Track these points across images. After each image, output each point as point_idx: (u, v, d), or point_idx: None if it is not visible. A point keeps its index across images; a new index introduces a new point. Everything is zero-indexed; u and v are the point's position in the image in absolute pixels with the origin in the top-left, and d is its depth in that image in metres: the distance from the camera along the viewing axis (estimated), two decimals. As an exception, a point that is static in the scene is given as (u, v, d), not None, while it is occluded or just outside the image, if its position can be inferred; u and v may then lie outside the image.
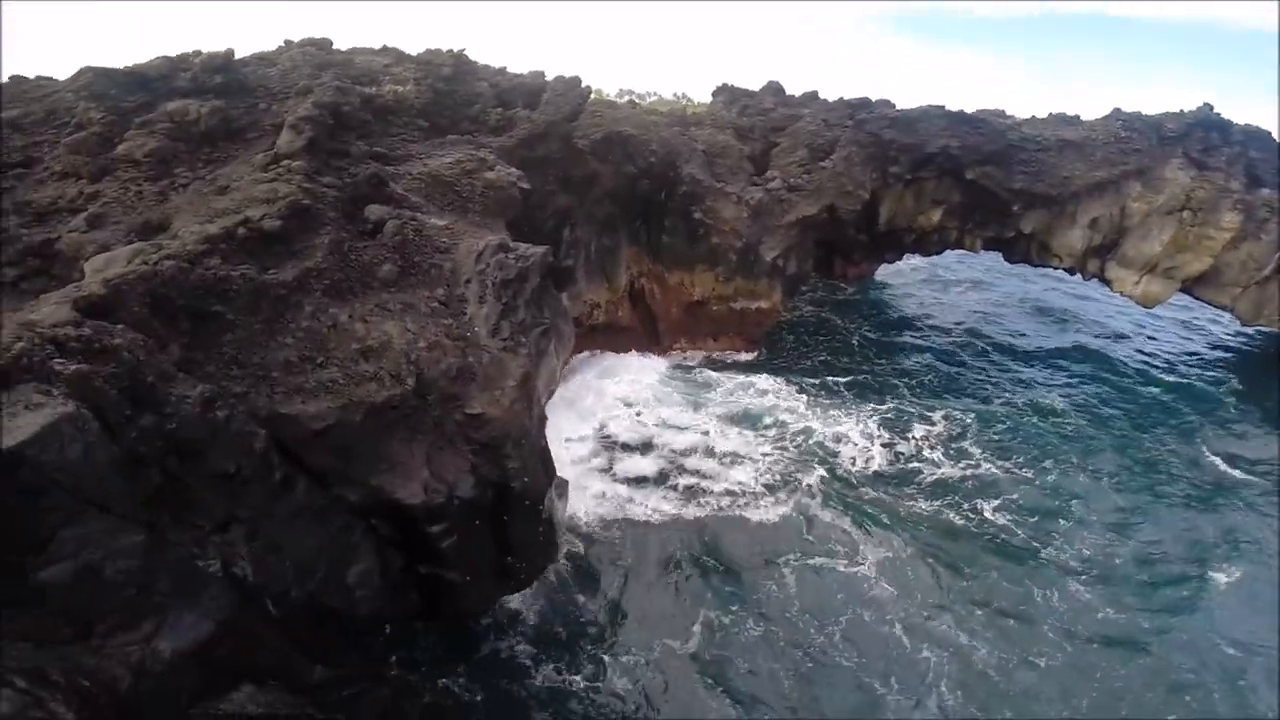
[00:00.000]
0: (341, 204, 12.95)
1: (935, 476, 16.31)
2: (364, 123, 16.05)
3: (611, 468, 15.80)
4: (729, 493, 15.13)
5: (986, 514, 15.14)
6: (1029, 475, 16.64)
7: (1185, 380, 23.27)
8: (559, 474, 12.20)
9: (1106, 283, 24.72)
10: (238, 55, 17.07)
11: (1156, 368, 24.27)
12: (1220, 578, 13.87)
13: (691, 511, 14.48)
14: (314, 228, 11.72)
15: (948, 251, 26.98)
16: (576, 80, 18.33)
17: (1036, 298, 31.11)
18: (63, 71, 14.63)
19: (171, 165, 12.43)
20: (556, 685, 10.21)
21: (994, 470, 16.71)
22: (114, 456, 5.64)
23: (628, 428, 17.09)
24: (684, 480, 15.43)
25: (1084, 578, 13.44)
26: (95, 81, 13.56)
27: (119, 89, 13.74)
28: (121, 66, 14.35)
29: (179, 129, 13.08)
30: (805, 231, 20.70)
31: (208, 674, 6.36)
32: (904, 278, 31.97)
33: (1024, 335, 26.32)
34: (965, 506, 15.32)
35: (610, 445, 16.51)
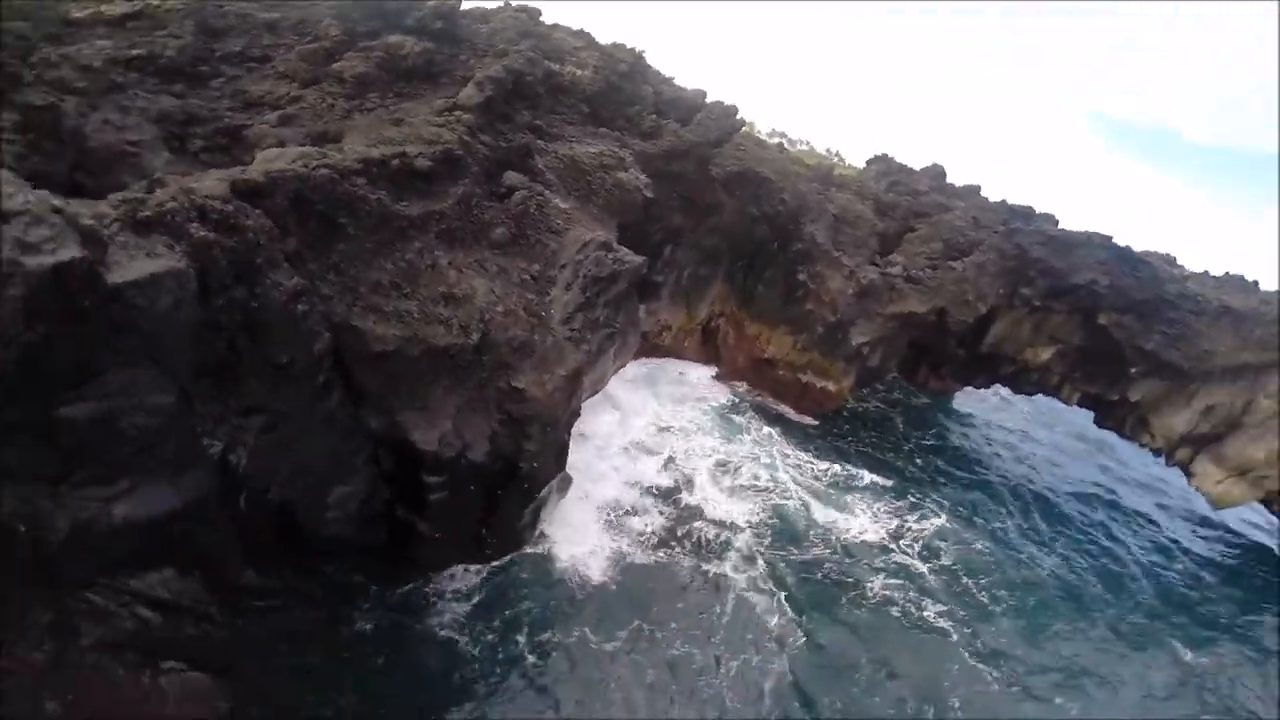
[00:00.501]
0: (488, 163, 14.08)
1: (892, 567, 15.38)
2: (536, 95, 17.25)
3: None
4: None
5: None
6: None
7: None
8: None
9: (1188, 474, 20.92)
10: (462, 7, 19.10)
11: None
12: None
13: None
14: (456, 176, 12.84)
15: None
16: (733, 110, 18.52)
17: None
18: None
19: (367, 90, 14.11)
20: (474, 669, 9.77)
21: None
22: (196, 319, 6.39)
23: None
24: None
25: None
26: (345, 3, 15.82)
27: (361, 14, 15.87)
28: (368, -5, 16.55)
29: (389, 60, 14.82)
30: (904, 328, 19.42)
31: (139, 548, 6.31)
32: (985, 405, 28.83)
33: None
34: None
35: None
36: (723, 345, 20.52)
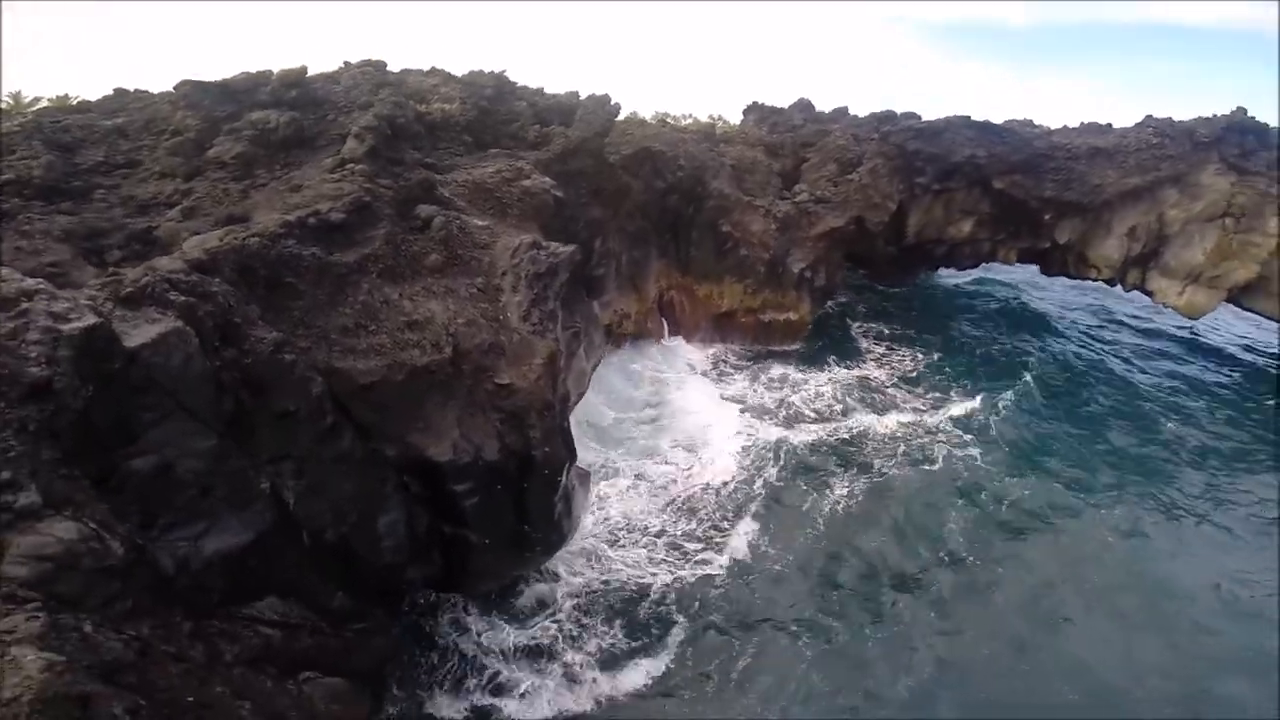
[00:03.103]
0: (396, 203, 14.84)
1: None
2: (416, 135, 18.18)
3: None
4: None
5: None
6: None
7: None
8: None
9: (1149, 294, 24.56)
10: (308, 74, 19.67)
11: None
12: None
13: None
14: (372, 221, 13.55)
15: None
16: (606, 98, 20.21)
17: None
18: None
19: (253, 167, 14.57)
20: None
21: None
22: (206, 370, 7.05)
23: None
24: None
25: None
26: (192, 93, 16.06)
27: (211, 99, 16.20)
28: (212, 80, 16.90)
29: (260, 136, 15.31)
30: (833, 244, 21.71)
31: (237, 579, 7.13)
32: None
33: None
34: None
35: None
36: (682, 315, 21.99)
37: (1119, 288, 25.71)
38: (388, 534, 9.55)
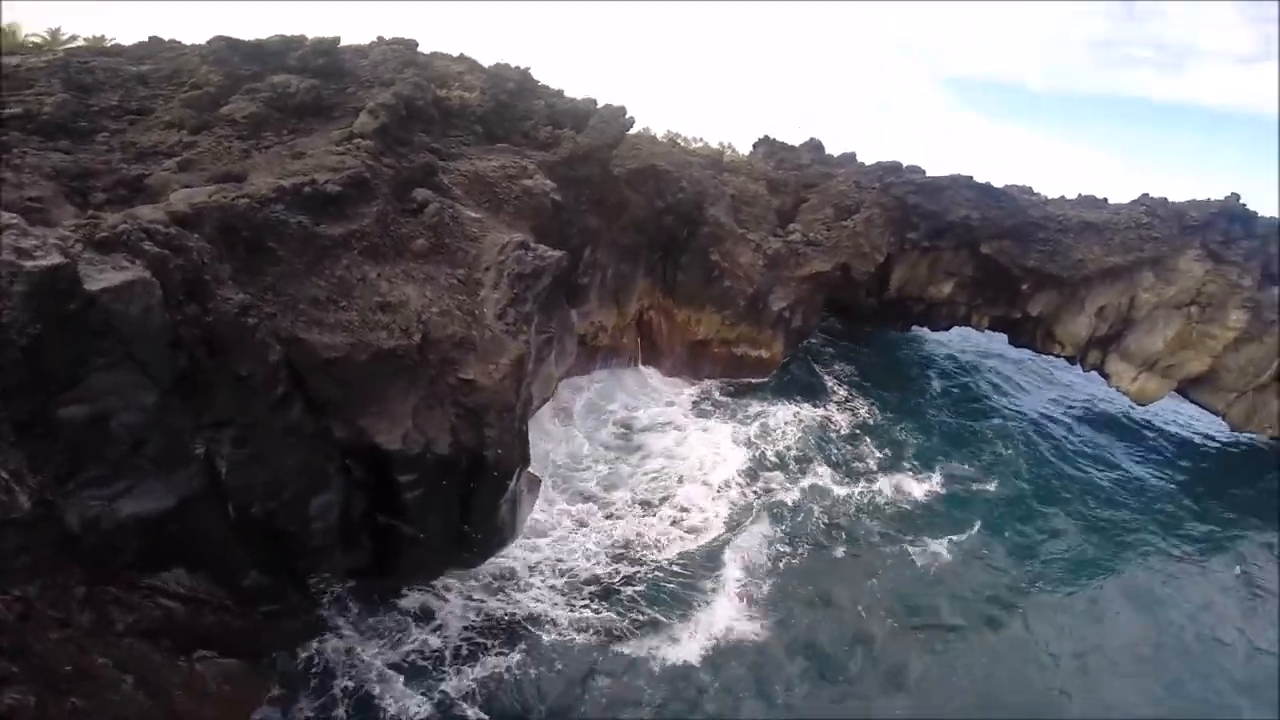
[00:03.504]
0: (395, 183, 15.12)
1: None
2: (430, 119, 18.51)
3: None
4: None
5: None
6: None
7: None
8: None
9: (1105, 376, 25.04)
10: (339, 44, 20.00)
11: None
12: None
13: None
14: (368, 198, 13.80)
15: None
16: (621, 110, 20.65)
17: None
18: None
19: (262, 129, 14.83)
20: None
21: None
22: (165, 324, 7.23)
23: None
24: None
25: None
26: (222, 49, 16.35)
27: (239, 57, 16.49)
28: (246, 39, 17.18)
29: (278, 99, 15.59)
30: (817, 288, 22.12)
31: (148, 545, 7.03)
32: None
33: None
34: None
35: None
36: (658, 336, 22.27)
37: (1078, 367, 26.20)
38: (319, 515, 9.57)
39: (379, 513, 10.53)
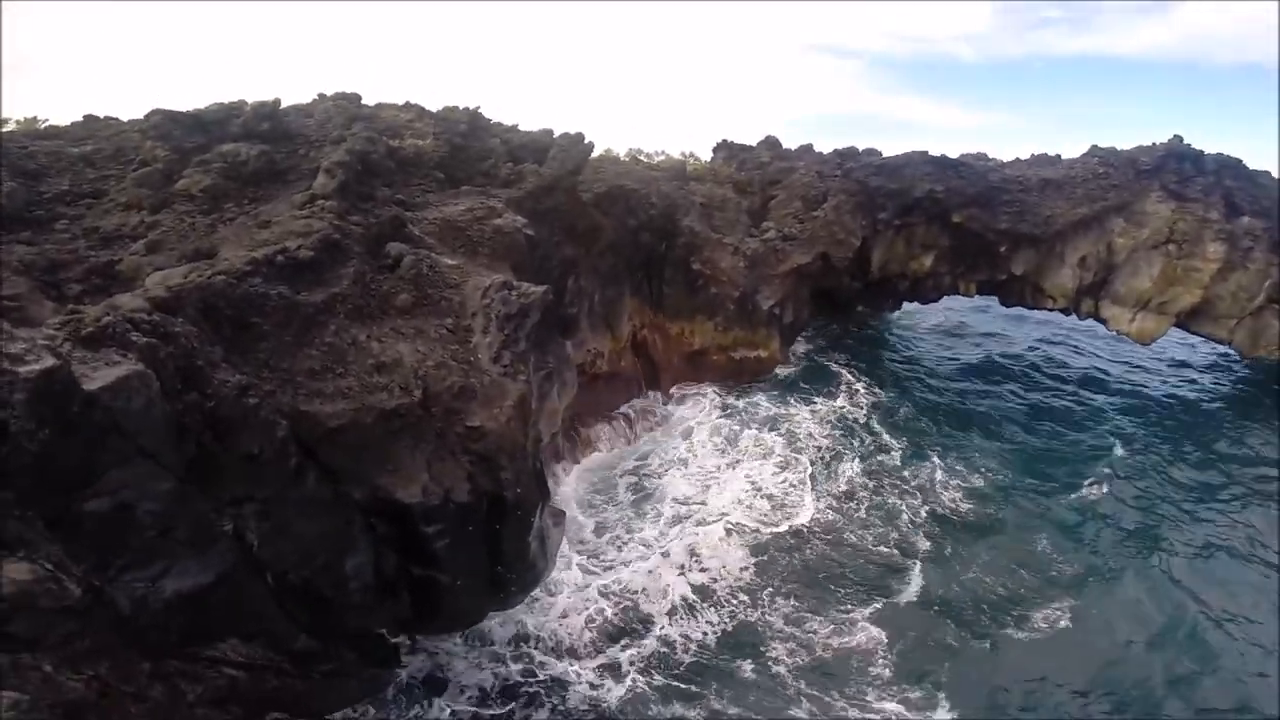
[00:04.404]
0: (366, 241, 14.98)
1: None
2: (388, 171, 18.46)
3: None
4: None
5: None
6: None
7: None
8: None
9: (1103, 322, 25.90)
10: (281, 106, 19.85)
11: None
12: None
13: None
14: (341, 260, 13.65)
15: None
16: (580, 136, 20.91)
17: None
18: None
19: (221, 201, 14.59)
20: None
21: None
22: (167, 415, 7.06)
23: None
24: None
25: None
26: (162, 123, 16.08)
27: (181, 130, 16.23)
28: (184, 110, 16.94)
29: (230, 169, 15.38)
30: (801, 280, 22.57)
31: (198, 619, 7.26)
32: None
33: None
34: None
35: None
36: (655, 353, 22.39)
37: (1074, 317, 27.05)
38: (355, 575, 9.53)
39: (412, 565, 10.42)
